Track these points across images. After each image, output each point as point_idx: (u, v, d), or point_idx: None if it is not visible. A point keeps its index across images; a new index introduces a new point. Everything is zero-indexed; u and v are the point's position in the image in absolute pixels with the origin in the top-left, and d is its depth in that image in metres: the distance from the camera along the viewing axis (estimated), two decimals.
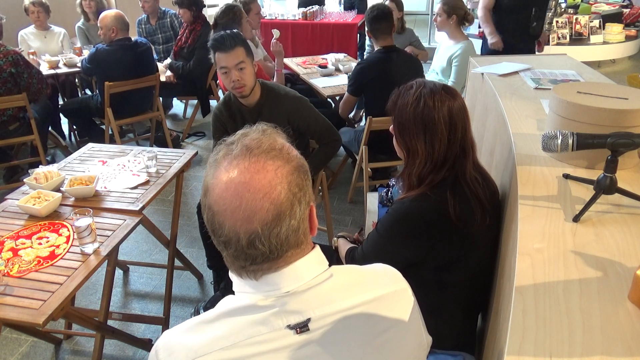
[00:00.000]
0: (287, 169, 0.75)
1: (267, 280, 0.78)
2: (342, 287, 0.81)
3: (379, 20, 2.99)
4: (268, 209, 0.72)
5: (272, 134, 0.80)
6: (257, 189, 0.72)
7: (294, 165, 0.77)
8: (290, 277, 0.78)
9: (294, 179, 0.75)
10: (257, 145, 0.76)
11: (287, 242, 0.75)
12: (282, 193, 0.73)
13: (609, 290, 0.85)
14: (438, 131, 1.29)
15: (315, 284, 0.79)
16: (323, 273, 0.81)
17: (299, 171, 0.77)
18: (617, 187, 1.03)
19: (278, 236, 0.74)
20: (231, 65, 2.12)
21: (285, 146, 0.79)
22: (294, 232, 0.76)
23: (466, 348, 1.40)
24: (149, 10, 4.61)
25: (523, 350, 0.74)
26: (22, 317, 1.39)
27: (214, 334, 0.77)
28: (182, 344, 0.77)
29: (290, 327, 0.76)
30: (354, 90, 3.11)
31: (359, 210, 3.29)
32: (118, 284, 2.64)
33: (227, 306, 0.80)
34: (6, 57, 3.16)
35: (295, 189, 0.75)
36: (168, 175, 2.19)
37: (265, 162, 0.75)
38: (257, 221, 0.72)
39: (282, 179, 0.74)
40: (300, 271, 0.79)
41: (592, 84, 1.41)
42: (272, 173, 0.74)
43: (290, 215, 0.75)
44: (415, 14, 9.54)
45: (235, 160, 0.75)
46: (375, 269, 0.89)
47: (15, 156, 3.76)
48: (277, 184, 0.73)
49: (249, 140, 0.77)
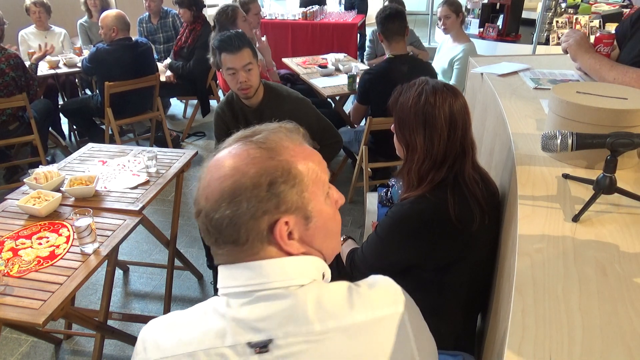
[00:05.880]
0: (262, 165, 0.72)
1: (226, 272, 0.76)
2: (320, 306, 0.71)
3: (392, 20, 2.82)
4: (218, 190, 0.71)
5: (283, 132, 0.78)
6: (221, 170, 0.73)
7: (274, 165, 0.72)
8: (248, 274, 0.74)
9: (264, 178, 0.71)
10: (254, 135, 0.77)
11: (222, 233, 0.72)
12: (237, 182, 0.71)
13: (609, 290, 0.85)
14: (438, 127, 1.29)
15: (282, 296, 0.72)
16: (301, 287, 0.74)
17: (282, 176, 0.72)
18: (616, 187, 1.03)
19: (212, 221, 0.72)
20: (239, 67, 2.12)
21: (282, 146, 0.75)
22: (230, 225, 0.71)
23: (466, 348, 1.40)
24: (154, 10, 4.61)
25: (522, 350, 0.74)
26: (22, 317, 1.39)
27: (182, 337, 0.75)
28: (156, 342, 0.77)
29: (250, 345, 0.71)
30: (361, 100, 3.05)
31: (359, 210, 3.29)
32: (118, 284, 2.64)
33: (201, 308, 0.77)
34: (8, 60, 3.18)
35: (260, 189, 0.70)
36: (168, 175, 2.19)
37: (247, 150, 0.74)
38: (205, 199, 0.73)
39: (249, 169, 0.71)
40: (265, 270, 0.74)
41: (591, 84, 1.40)
42: (244, 161, 0.72)
43: (230, 206, 0.70)
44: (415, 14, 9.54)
45: (235, 142, 0.77)
46: (372, 287, 0.77)
47: (15, 156, 3.77)
48: (241, 172, 0.71)
49: (260, 129, 0.78)
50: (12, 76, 3.21)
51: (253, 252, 0.74)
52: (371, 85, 2.90)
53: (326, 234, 0.80)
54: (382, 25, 2.85)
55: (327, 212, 0.79)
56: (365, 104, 3.06)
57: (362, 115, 3.22)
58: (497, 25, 5.59)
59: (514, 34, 5.62)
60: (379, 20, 2.89)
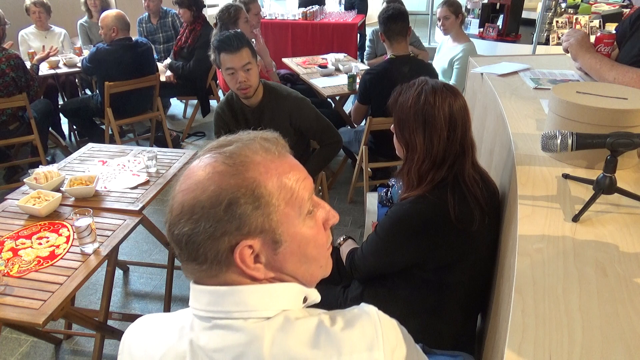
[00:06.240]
0: (222, 182, 0.65)
1: (192, 291, 0.70)
2: (278, 346, 0.64)
3: (395, 20, 2.79)
4: (179, 204, 0.67)
5: (258, 143, 0.69)
6: (186, 182, 0.68)
7: (237, 183, 0.65)
8: (208, 299, 0.68)
9: (223, 197, 0.64)
10: (226, 145, 0.70)
11: (182, 249, 0.67)
12: (196, 198, 0.65)
13: (609, 290, 0.85)
14: (437, 127, 1.29)
15: (239, 328, 0.66)
16: (264, 320, 0.66)
17: (244, 195, 0.64)
18: (616, 187, 1.03)
19: (173, 236, 0.67)
20: (238, 67, 2.12)
21: (252, 161, 0.67)
22: (189, 243, 0.65)
23: (466, 348, 1.40)
24: (153, 10, 4.62)
25: (522, 350, 0.74)
26: (22, 317, 1.39)
27: (148, 349, 0.73)
28: (130, 349, 0.76)
29: None
30: (361, 99, 3.04)
31: (359, 210, 3.29)
32: (118, 284, 2.64)
33: (175, 321, 0.74)
34: (8, 61, 3.18)
35: (217, 209, 0.64)
36: (168, 175, 2.19)
37: (214, 163, 0.67)
38: (170, 211, 0.68)
39: (209, 186, 0.65)
40: (223, 299, 0.67)
41: (591, 84, 1.40)
42: (207, 176, 0.66)
43: (188, 223, 0.65)
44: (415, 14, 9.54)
45: (207, 152, 0.70)
46: (348, 326, 0.67)
47: (15, 156, 3.77)
48: (201, 188, 0.65)
49: (235, 139, 0.71)
50: (12, 77, 3.21)
51: (212, 274, 0.67)
52: (372, 85, 2.89)
53: (301, 259, 0.71)
54: (384, 25, 2.82)
55: (303, 235, 0.70)
56: (366, 104, 3.05)
57: (363, 115, 3.21)
58: (497, 25, 5.59)
59: (514, 34, 5.62)
60: (381, 20, 2.85)
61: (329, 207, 0.76)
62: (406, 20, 2.83)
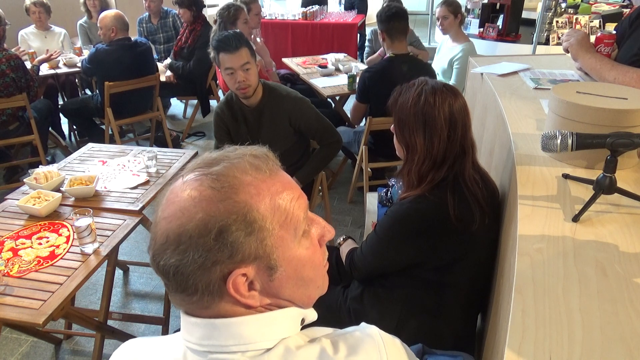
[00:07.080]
0: (211, 209, 0.60)
1: (183, 322, 0.66)
2: None
3: (397, 19, 2.79)
4: (163, 232, 0.61)
5: (247, 161, 0.64)
6: (170, 208, 0.62)
7: (227, 209, 0.60)
8: (201, 332, 0.64)
9: (212, 225, 0.59)
10: (213, 164, 0.64)
11: (170, 280, 0.62)
12: (182, 227, 0.60)
13: (609, 290, 0.85)
14: (438, 127, 1.29)
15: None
16: (264, 353, 0.63)
17: (235, 222, 0.60)
18: (616, 187, 1.03)
19: (159, 267, 0.62)
20: (237, 66, 2.13)
21: (242, 182, 0.62)
22: (178, 274, 0.61)
23: (466, 348, 1.40)
24: (154, 10, 4.62)
25: (523, 350, 0.74)
26: (22, 317, 1.40)
27: None
28: None
29: None
30: (360, 98, 3.04)
31: (359, 210, 3.29)
32: (118, 284, 2.64)
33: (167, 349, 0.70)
34: (8, 61, 3.18)
35: (207, 237, 0.59)
36: (168, 175, 2.19)
37: (200, 187, 0.61)
38: (153, 239, 0.63)
39: (196, 213, 0.59)
40: (218, 332, 0.63)
41: (591, 84, 1.40)
42: (193, 201, 0.60)
43: (175, 254, 0.60)
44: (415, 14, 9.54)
45: (193, 171, 0.64)
46: (352, 353, 0.65)
47: (15, 156, 3.77)
48: (187, 216, 0.60)
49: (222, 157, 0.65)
50: (12, 77, 3.21)
51: (203, 305, 0.63)
52: (371, 83, 2.89)
53: (297, 282, 0.67)
54: (386, 23, 2.81)
55: (300, 257, 0.66)
56: (365, 103, 3.05)
57: (362, 114, 3.21)
58: (497, 25, 5.59)
59: (514, 34, 5.62)
60: (382, 19, 2.84)
61: (324, 223, 0.73)
62: (406, 19, 2.85)
